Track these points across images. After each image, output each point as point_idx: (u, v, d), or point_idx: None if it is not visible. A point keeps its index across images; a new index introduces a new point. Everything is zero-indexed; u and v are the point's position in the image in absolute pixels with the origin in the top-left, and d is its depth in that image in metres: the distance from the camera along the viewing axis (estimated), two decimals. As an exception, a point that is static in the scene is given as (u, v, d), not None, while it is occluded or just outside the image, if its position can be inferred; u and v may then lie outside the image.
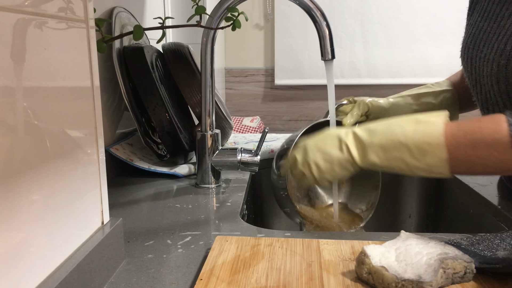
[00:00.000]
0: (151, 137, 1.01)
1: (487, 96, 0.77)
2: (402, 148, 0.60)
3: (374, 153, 0.62)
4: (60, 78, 0.46)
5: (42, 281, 0.43)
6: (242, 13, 0.84)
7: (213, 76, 0.90)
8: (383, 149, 0.61)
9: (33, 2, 0.41)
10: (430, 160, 0.59)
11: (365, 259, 0.51)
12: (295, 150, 0.70)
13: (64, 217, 0.47)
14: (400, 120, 0.63)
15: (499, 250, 0.56)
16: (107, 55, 0.94)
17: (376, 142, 0.62)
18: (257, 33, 2.80)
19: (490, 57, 0.73)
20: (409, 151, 0.60)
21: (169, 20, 1.34)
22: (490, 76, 0.73)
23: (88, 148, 0.51)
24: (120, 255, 0.58)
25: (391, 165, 0.62)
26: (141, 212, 0.78)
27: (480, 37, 0.77)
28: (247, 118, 2.58)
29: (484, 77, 0.75)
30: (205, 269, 0.53)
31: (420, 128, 0.60)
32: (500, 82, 0.71)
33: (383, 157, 0.62)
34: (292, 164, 0.70)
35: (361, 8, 2.63)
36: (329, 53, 0.79)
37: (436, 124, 0.60)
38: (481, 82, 0.77)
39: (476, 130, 0.58)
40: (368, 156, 0.63)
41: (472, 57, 0.79)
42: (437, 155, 0.58)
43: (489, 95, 0.76)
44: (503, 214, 0.77)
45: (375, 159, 0.62)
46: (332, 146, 0.65)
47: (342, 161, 0.64)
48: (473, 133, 0.58)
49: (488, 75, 0.74)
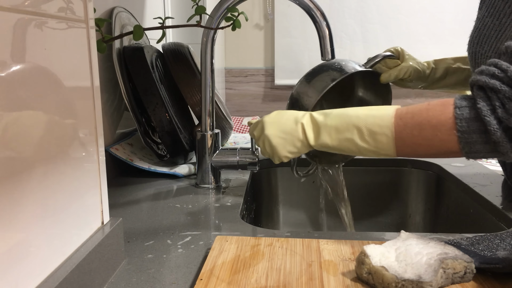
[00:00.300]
0: (151, 137, 1.02)
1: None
2: (354, 129, 0.63)
3: (327, 134, 0.65)
4: (60, 78, 0.46)
5: (42, 281, 0.43)
6: (242, 13, 0.84)
7: (213, 76, 0.90)
8: (336, 130, 0.64)
9: (33, 2, 0.41)
10: (379, 140, 0.61)
11: (365, 259, 0.51)
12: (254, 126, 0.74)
13: (64, 217, 0.47)
14: (356, 107, 0.66)
15: (499, 250, 0.56)
16: (107, 55, 0.94)
17: (330, 124, 0.65)
18: (257, 33, 2.79)
19: (489, 54, 0.73)
20: (359, 132, 0.62)
21: (169, 20, 1.34)
22: None
23: (88, 148, 0.51)
24: (120, 255, 0.58)
25: (341, 146, 0.64)
26: (141, 212, 0.78)
27: (483, 33, 0.76)
28: (247, 118, 2.58)
29: None
30: (205, 269, 0.53)
31: (373, 112, 0.63)
32: None
33: (334, 137, 0.64)
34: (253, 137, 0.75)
35: (361, 8, 2.63)
36: (329, 53, 0.79)
37: (388, 109, 0.62)
38: None
39: (423, 112, 0.59)
40: (321, 137, 0.65)
41: (475, 52, 0.78)
42: (385, 135, 0.61)
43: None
44: (503, 214, 0.77)
45: (327, 140, 0.65)
46: (288, 126, 0.68)
47: (295, 140, 0.67)
48: (420, 115, 0.59)
49: None
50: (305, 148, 0.68)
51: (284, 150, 0.68)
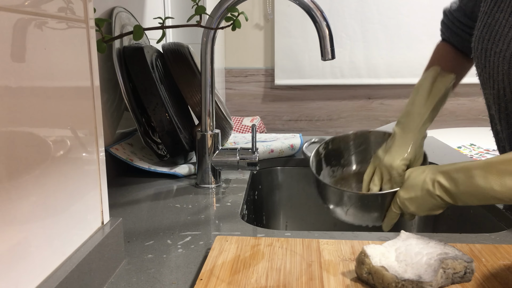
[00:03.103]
0: (151, 137, 1.02)
1: (500, 93, 0.75)
2: (493, 200, 0.64)
3: (465, 198, 0.67)
4: (60, 78, 0.46)
5: (42, 281, 0.43)
6: (242, 13, 0.84)
7: (213, 76, 0.90)
8: (474, 197, 0.65)
9: (33, 2, 0.41)
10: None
11: (365, 259, 0.51)
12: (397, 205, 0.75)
13: (64, 217, 0.47)
14: (478, 169, 0.65)
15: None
16: (107, 55, 0.94)
17: (463, 191, 0.66)
18: (257, 33, 2.79)
19: (507, 54, 0.71)
20: (501, 200, 0.63)
21: (169, 20, 1.34)
22: (508, 74, 0.72)
23: (88, 148, 0.51)
24: (120, 255, 0.58)
25: (486, 203, 0.67)
26: (141, 212, 0.78)
27: (496, 30, 0.74)
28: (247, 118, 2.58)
29: (499, 73, 0.73)
30: (205, 269, 0.53)
31: (507, 182, 0.62)
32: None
33: (475, 201, 0.66)
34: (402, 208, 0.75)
35: (361, 8, 2.63)
36: (329, 53, 0.79)
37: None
38: (495, 77, 0.75)
39: None
40: (461, 200, 0.67)
41: (486, 49, 0.76)
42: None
43: (503, 92, 0.74)
44: (503, 214, 0.77)
45: (467, 202, 0.67)
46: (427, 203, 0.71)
47: (436, 208, 0.70)
48: None
49: (505, 72, 0.72)
50: (446, 206, 0.70)
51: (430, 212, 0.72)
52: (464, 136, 2.40)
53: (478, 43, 0.79)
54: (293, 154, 1.15)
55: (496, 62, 0.74)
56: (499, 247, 0.59)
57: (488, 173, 0.63)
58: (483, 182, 0.63)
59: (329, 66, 2.69)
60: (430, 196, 0.70)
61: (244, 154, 0.90)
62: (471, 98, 2.72)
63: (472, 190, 0.65)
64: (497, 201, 0.64)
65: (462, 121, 2.78)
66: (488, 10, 0.77)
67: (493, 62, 0.75)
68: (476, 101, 2.71)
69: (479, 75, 0.82)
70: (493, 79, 0.76)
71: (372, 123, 2.81)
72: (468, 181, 0.65)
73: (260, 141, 1.16)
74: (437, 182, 0.69)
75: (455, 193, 0.67)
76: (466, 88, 2.67)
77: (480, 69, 0.80)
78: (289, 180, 1.15)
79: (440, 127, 2.74)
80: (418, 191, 0.71)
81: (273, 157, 1.12)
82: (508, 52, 0.70)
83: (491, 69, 0.76)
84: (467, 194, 0.65)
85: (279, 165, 1.14)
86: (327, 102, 2.81)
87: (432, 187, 0.69)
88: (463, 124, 2.78)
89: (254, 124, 0.88)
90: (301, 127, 2.86)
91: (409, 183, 0.73)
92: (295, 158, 1.14)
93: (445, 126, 2.75)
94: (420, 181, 0.71)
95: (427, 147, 0.85)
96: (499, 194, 0.62)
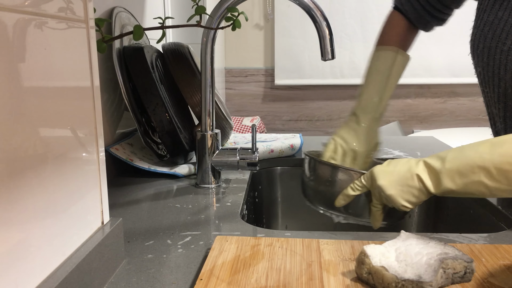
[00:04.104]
0: (151, 137, 1.02)
1: (507, 91, 0.74)
2: (480, 171, 0.58)
3: (449, 179, 0.61)
4: (60, 78, 0.46)
5: (42, 281, 0.43)
6: (242, 13, 0.84)
7: (213, 76, 0.90)
8: (460, 174, 0.60)
9: (33, 2, 0.41)
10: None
11: (365, 259, 0.51)
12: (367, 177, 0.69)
13: (64, 217, 0.47)
14: (471, 144, 0.61)
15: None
16: (107, 55, 0.94)
17: (449, 168, 0.60)
18: (257, 33, 2.79)
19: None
20: (488, 173, 0.57)
21: (169, 20, 1.34)
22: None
23: (88, 148, 0.51)
24: (120, 255, 0.58)
25: (470, 189, 0.60)
26: (141, 212, 0.78)
27: (501, 28, 0.72)
28: (247, 118, 2.58)
29: (507, 71, 0.72)
30: (205, 269, 0.53)
31: (496, 149, 0.58)
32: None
33: (459, 182, 0.60)
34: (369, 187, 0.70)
35: (361, 8, 2.63)
36: (329, 53, 0.79)
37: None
38: (502, 75, 0.74)
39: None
40: (443, 183, 0.61)
41: (490, 47, 0.75)
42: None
43: (511, 90, 0.73)
44: (503, 214, 0.77)
45: (450, 185, 0.61)
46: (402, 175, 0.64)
47: (413, 190, 0.63)
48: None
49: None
50: (425, 196, 0.64)
51: (401, 200, 0.64)
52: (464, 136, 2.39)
53: (479, 41, 0.77)
54: (293, 154, 1.15)
55: (504, 60, 0.72)
56: (499, 247, 0.59)
57: (480, 145, 0.60)
58: (473, 152, 0.60)
59: (329, 66, 2.69)
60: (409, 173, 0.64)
61: (244, 154, 0.90)
62: (471, 98, 2.72)
63: (459, 163, 0.60)
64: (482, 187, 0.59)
65: (462, 121, 2.78)
66: (488, 8, 0.76)
67: (499, 60, 0.73)
68: (476, 101, 2.71)
69: (479, 74, 0.81)
70: (498, 77, 0.75)
71: (372, 123, 2.81)
72: (457, 154, 0.61)
73: (260, 141, 1.16)
74: (422, 161, 0.64)
75: (438, 171, 0.61)
76: (466, 88, 2.68)
77: (481, 67, 0.79)
78: (289, 180, 1.14)
79: (440, 127, 2.75)
80: (398, 165, 0.66)
81: (273, 157, 1.12)
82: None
83: (496, 67, 0.74)
84: (452, 171, 0.60)
85: (279, 165, 1.14)
86: (327, 102, 2.81)
87: (415, 165, 0.64)
88: (463, 124, 2.78)
89: (254, 124, 0.88)
90: (301, 127, 2.87)
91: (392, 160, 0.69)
92: (295, 158, 1.14)
93: (445, 126, 2.75)
94: (405, 159, 0.67)
95: (427, 147, 0.85)
96: (487, 162, 0.57)
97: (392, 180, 0.65)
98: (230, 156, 0.91)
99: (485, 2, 0.77)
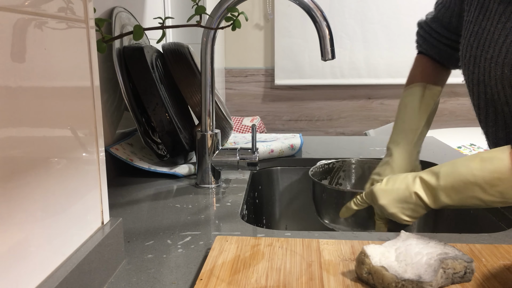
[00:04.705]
0: (151, 137, 1.02)
1: (494, 97, 0.77)
2: (474, 187, 0.62)
3: (445, 195, 0.65)
4: (60, 78, 0.46)
5: (42, 281, 0.43)
6: (242, 13, 0.84)
7: (213, 76, 0.90)
8: (455, 191, 0.64)
9: (33, 2, 0.41)
10: (505, 192, 0.61)
11: (365, 259, 0.51)
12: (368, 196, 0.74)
13: (64, 217, 0.47)
14: (463, 160, 0.66)
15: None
16: (107, 55, 0.94)
17: (444, 185, 0.65)
18: (257, 33, 2.79)
19: (499, 60, 0.72)
20: (481, 188, 0.62)
21: (169, 20, 1.34)
22: (500, 79, 0.73)
23: (88, 148, 0.51)
24: (120, 255, 0.58)
25: (466, 203, 0.65)
26: (141, 212, 0.78)
27: (484, 37, 0.75)
28: (247, 118, 2.58)
29: (491, 78, 0.75)
30: (205, 269, 0.53)
31: (486, 165, 0.62)
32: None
33: (456, 198, 0.64)
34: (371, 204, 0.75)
35: (361, 8, 2.63)
36: (329, 53, 0.79)
37: (501, 158, 0.62)
38: (487, 82, 0.76)
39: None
40: (440, 199, 0.66)
41: (475, 56, 0.77)
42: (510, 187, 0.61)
43: (498, 96, 0.75)
44: (503, 214, 0.77)
45: (447, 201, 0.65)
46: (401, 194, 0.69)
47: (413, 207, 0.68)
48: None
49: (498, 77, 0.73)
50: (425, 210, 0.69)
51: (403, 216, 0.70)
52: (464, 136, 2.39)
53: (466, 51, 0.80)
54: (293, 154, 1.15)
55: (488, 68, 0.75)
56: (499, 247, 0.59)
57: (471, 161, 0.64)
58: (465, 169, 0.64)
59: (329, 66, 2.69)
60: (407, 191, 0.68)
61: (244, 154, 0.90)
62: (471, 98, 2.72)
63: (452, 180, 0.64)
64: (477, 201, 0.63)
65: (462, 121, 2.78)
66: (473, 19, 0.79)
67: (484, 67, 0.76)
68: (476, 101, 2.71)
69: (466, 81, 0.84)
70: (484, 84, 0.77)
71: (372, 123, 2.81)
72: (450, 170, 0.65)
73: (260, 141, 1.16)
74: (418, 177, 0.68)
75: (435, 187, 0.66)
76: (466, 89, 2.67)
77: (467, 76, 0.82)
78: (289, 180, 1.14)
79: (440, 127, 2.75)
80: (396, 183, 0.70)
81: (273, 157, 1.12)
82: (500, 57, 0.72)
83: (481, 75, 0.77)
84: (447, 188, 0.64)
85: (279, 165, 1.14)
86: (327, 102, 2.81)
87: (413, 182, 0.68)
88: (463, 124, 2.78)
89: (254, 124, 0.88)
90: (301, 127, 2.87)
91: (391, 177, 0.72)
92: (295, 158, 1.14)
93: (445, 126, 2.75)
94: (402, 176, 0.71)
95: (428, 147, 0.85)
96: (479, 179, 0.62)
97: (392, 199, 0.69)
98: (230, 156, 0.91)
99: (471, 14, 0.80)
